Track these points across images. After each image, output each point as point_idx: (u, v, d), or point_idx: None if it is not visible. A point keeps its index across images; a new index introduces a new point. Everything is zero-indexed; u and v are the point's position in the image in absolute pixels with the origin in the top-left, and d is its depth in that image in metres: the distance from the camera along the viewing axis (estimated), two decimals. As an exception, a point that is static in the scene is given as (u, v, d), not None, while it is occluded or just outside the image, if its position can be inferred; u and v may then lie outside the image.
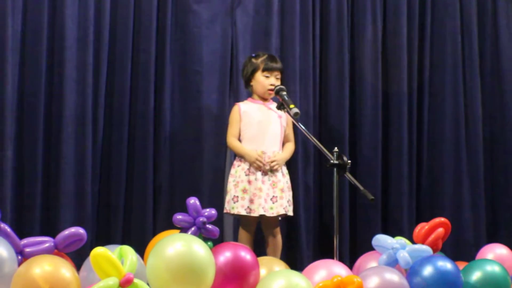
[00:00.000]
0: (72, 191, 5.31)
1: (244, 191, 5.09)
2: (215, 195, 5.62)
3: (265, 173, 5.10)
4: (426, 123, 6.28)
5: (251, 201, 5.07)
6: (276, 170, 5.16)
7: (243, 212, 5.09)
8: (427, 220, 4.73)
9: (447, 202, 6.22)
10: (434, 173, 6.26)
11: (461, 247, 6.07)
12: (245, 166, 5.14)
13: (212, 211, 4.69)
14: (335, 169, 4.39)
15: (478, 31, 6.44)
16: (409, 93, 6.20)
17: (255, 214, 5.08)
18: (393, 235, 4.54)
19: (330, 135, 5.91)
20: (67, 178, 5.30)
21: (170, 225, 4.82)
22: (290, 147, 5.37)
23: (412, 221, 6.02)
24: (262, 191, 5.07)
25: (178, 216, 4.61)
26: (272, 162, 5.15)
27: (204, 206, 4.85)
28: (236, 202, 5.10)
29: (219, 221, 5.29)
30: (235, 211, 5.11)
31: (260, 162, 5.09)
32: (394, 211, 6.09)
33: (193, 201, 4.61)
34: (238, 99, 5.62)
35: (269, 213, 5.09)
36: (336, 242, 4.43)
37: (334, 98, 6.00)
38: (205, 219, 4.61)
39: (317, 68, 5.99)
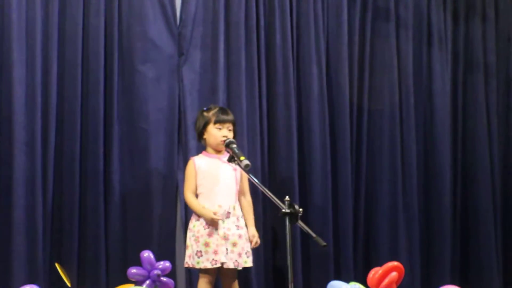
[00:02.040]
0: (23, 252, 5.26)
1: (206, 244, 5.07)
2: (167, 250, 5.61)
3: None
4: (364, 175, 6.40)
5: (215, 252, 5.06)
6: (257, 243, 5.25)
7: (209, 266, 5.06)
8: (378, 264, 4.78)
9: (384, 247, 6.32)
10: (373, 219, 6.39)
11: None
12: (203, 220, 5.13)
13: (166, 264, 4.70)
14: (287, 217, 4.40)
15: (414, 80, 6.60)
16: (351, 143, 6.33)
17: (219, 264, 5.06)
18: (346, 281, 4.57)
19: (280, 187, 5.93)
20: (18, 241, 5.26)
21: (124, 281, 4.81)
22: (250, 204, 5.41)
23: (359, 266, 6.14)
24: (223, 241, 5.08)
25: (133, 270, 4.61)
26: (255, 242, 5.24)
27: (157, 260, 4.86)
28: (201, 257, 5.07)
29: (172, 273, 5.29)
30: (201, 266, 5.08)
31: (216, 219, 5.10)
32: (342, 258, 6.17)
33: (147, 254, 4.62)
34: (187, 155, 5.65)
35: (225, 265, 5.08)
36: (291, 290, 4.43)
37: (282, 151, 6.07)
38: (159, 272, 4.61)
39: (265, 122, 6.06)
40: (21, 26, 5.43)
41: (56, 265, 4.41)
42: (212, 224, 5.10)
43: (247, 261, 5.21)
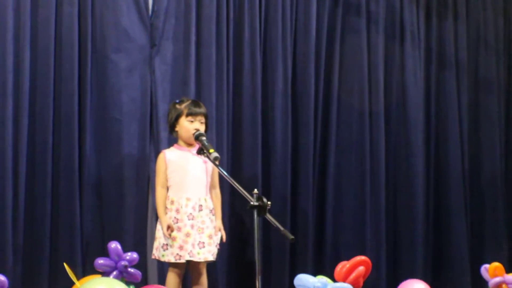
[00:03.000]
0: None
1: (173, 238, 5.09)
2: (138, 239, 5.64)
3: (192, 218, 5.12)
4: (332, 169, 6.43)
5: (180, 247, 5.08)
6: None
7: (173, 260, 5.09)
8: (343, 259, 4.83)
9: (351, 241, 6.38)
10: (340, 215, 6.44)
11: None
12: (172, 214, 5.15)
13: (133, 255, 4.69)
14: (255, 210, 4.42)
15: (385, 77, 6.64)
16: (314, 138, 6.37)
17: (182, 260, 5.09)
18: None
19: (244, 180, 5.93)
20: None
21: (93, 272, 4.81)
22: (219, 197, 5.43)
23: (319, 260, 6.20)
24: (190, 236, 5.09)
25: (100, 261, 4.61)
26: (222, 235, 5.29)
27: (128, 250, 4.86)
28: (166, 250, 5.10)
29: (142, 265, 5.31)
30: (165, 259, 5.12)
31: (167, 235, 5.11)
32: (300, 251, 6.22)
33: (114, 245, 4.62)
34: (158, 146, 5.68)
35: (196, 258, 5.12)
36: (258, 284, 4.45)
37: (247, 145, 6.12)
38: (126, 263, 4.62)
39: (231, 116, 6.10)
40: (-8, 13, 5.41)
41: (64, 264, 4.42)
42: (165, 232, 5.12)
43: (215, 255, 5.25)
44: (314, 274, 4.87)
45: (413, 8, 6.78)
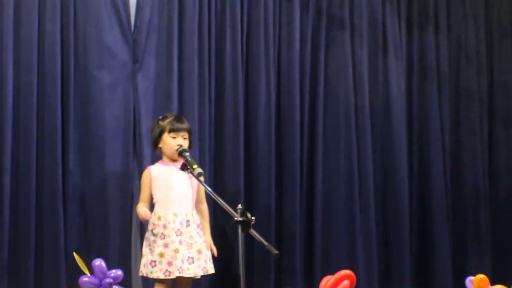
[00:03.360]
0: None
1: (161, 255, 5.07)
2: (123, 256, 5.63)
3: (180, 234, 5.12)
4: (320, 183, 6.44)
5: (169, 263, 5.06)
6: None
7: (162, 276, 5.07)
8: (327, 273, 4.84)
9: (341, 255, 6.38)
10: (329, 231, 6.42)
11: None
12: (159, 229, 5.13)
13: (118, 272, 4.69)
14: (239, 226, 4.42)
15: (370, 88, 6.67)
16: (301, 152, 6.38)
17: (172, 276, 5.08)
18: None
19: (227, 195, 5.93)
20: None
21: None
22: (206, 213, 5.46)
23: (308, 274, 6.18)
24: (178, 252, 5.07)
25: (84, 279, 4.61)
26: (212, 250, 5.32)
27: (113, 267, 4.86)
28: (155, 267, 5.08)
29: (127, 281, 5.30)
30: (154, 275, 5.10)
31: (143, 215, 5.14)
32: (288, 266, 6.22)
33: (98, 262, 4.62)
34: (142, 162, 5.68)
35: (186, 274, 5.10)
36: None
37: (229, 159, 6.12)
38: (111, 280, 4.62)
39: (213, 130, 6.11)
40: (-27, 29, 5.40)
41: (74, 254, 4.42)
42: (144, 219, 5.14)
43: (209, 268, 5.26)
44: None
45: (395, 20, 6.81)
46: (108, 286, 4.66)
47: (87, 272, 4.49)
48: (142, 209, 5.19)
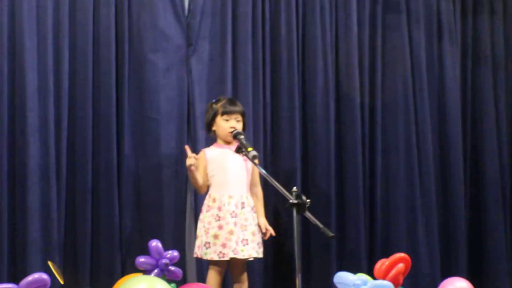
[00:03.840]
0: (38, 238, 5.29)
1: (216, 237, 5.09)
2: (177, 238, 5.65)
3: (235, 215, 5.14)
4: (380, 164, 6.41)
5: (223, 245, 5.07)
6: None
7: (216, 258, 5.09)
8: (385, 256, 4.81)
9: (402, 238, 6.33)
10: (389, 211, 6.38)
11: (419, 282, 6.17)
12: (214, 211, 5.14)
13: (174, 253, 4.72)
14: (294, 208, 4.42)
15: (427, 72, 6.62)
16: (362, 136, 6.33)
17: (226, 258, 5.09)
18: (351, 272, 4.60)
19: (282, 178, 5.90)
20: (33, 226, 5.28)
21: (134, 270, 4.85)
22: (261, 195, 5.44)
23: (371, 257, 6.10)
24: (233, 234, 5.09)
25: (141, 259, 4.64)
26: (267, 232, 5.30)
27: (167, 249, 4.89)
28: (209, 248, 5.10)
29: (181, 263, 5.32)
30: (208, 257, 5.12)
31: (189, 165, 5.15)
32: (350, 249, 6.18)
33: (155, 243, 4.65)
34: (196, 145, 5.69)
35: (240, 256, 5.11)
36: (298, 281, 4.45)
37: (285, 142, 6.10)
38: (167, 261, 4.65)
39: (268, 114, 6.09)
40: (32, 15, 5.45)
41: (49, 263, 4.44)
42: (190, 166, 5.14)
43: (259, 252, 5.25)
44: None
45: (449, 4, 6.75)
46: (164, 267, 4.69)
47: (61, 280, 4.49)
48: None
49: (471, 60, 6.86)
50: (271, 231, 5.33)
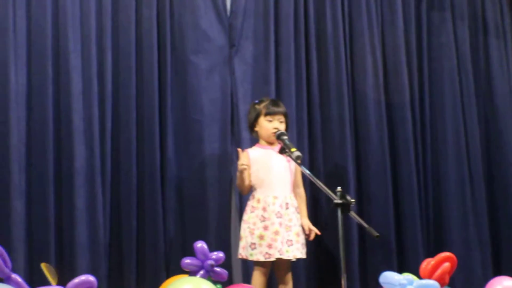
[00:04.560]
0: (85, 240, 5.32)
1: (261, 237, 5.08)
2: (222, 240, 5.65)
3: (280, 216, 5.13)
4: (430, 164, 6.39)
5: (269, 246, 5.06)
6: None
7: (262, 259, 5.07)
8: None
9: (455, 238, 6.27)
10: (441, 211, 6.34)
11: (471, 282, 6.14)
12: (259, 212, 5.14)
13: (220, 254, 4.72)
14: (339, 208, 4.41)
15: (473, 68, 6.58)
16: (413, 133, 6.31)
17: (272, 258, 5.08)
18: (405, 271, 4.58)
19: (333, 178, 5.93)
20: (80, 228, 5.31)
21: (180, 272, 4.86)
22: (303, 196, 5.42)
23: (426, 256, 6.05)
24: (278, 234, 5.08)
25: (186, 260, 4.65)
26: (311, 232, 5.27)
27: (212, 251, 4.89)
28: (254, 249, 5.09)
29: (227, 265, 5.33)
30: (254, 258, 5.10)
31: (242, 165, 5.15)
32: (408, 248, 6.13)
33: (200, 244, 4.66)
34: (240, 146, 5.64)
35: (286, 256, 5.09)
36: (344, 282, 4.44)
37: (336, 141, 6.08)
38: (213, 262, 4.65)
39: (317, 113, 6.06)
40: (75, 18, 5.50)
41: (42, 265, 4.44)
42: (243, 169, 5.14)
43: (303, 253, 5.24)
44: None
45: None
46: (210, 268, 4.70)
47: (52, 281, 4.48)
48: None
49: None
50: (315, 231, 5.31)
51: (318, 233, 5.30)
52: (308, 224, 5.30)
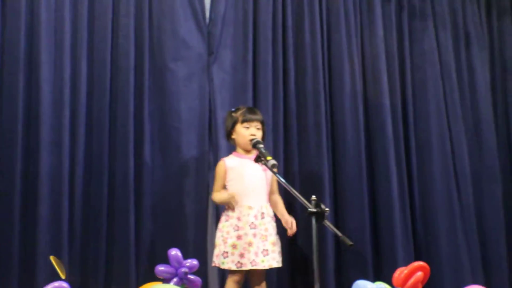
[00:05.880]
0: (48, 252, 5.21)
1: (234, 246, 5.07)
2: (198, 247, 5.64)
3: (254, 227, 5.15)
4: (415, 168, 6.40)
5: (241, 255, 5.05)
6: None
7: (233, 267, 5.06)
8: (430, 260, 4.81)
9: (442, 244, 6.28)
10: (427, 217, 6.35)
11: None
12: (233, 221, 5.14)
13: (193, 262, 4.73)
14: (313, 217, 4.42)
15: (457, 77, 6.63)
16: (395, 140, 6.31)
17: (244, 268, 5.07)
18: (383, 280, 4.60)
19: (310, 186, 5.93)
20: (43, 240, 5.27)
21: (153, 279, 4.86)
22: (280, 200, 5.41)
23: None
24: (252, 245, 5.07)
25: (160, 268, 4.65)
26: (292, 227, 5.25)
27: (188, 258, 4.89)
28: (226, 258, 5.08)
29: (203, 272, 5.33)
30: (225, 266, 5.10)
31: (233, 198, 5.14)
32: (386, 256, 6.13)
33: (174, 252, 4.67)
34: (217, 154, 5.69)
35: (261, 266, 5.08)
36: (317, 288, 4.45)
37: (312, 149, 6.07)
38: (187, 270, 4.66)
39: (294, 121, 6.07)
40: (50, 26, 5.50)
41: (51, 257, 4.44)
42: (232, 201, 5.13)
43: (279, 261, 5.23)
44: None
45: (474, 8, 6.78)
46: (183, 276, 4.70)
47: (62, 275, 4.48)
48: (222, 193, 5.21)
49: (499, 63, 6.86)
50: (293, 225, 5.27)
51: (293, 231, 5.29)
52: (290, 219, 5.29)
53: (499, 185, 6.63)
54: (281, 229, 5.37)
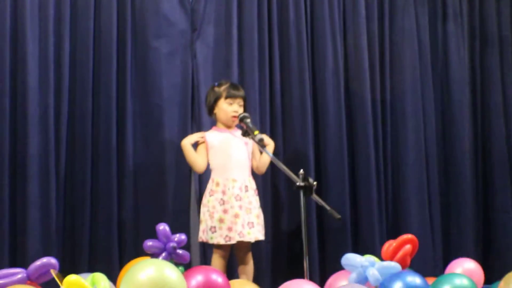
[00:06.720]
0: (37, 226, 5.32)
1: (221, 221, 5.09)
2: (181, 223, 5.61)
3: (239, 199, 5.13)
4: (390, 149, 6.43)
5: (229, 229, 5.07)
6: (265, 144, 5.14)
7: (222, 242, 5.08)
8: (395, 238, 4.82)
9: (413, 221, 6.31)
10: (399, 195, 6.39)
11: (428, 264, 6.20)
12: (218, 195, 5.15)
13: (182, 237, 4.70)
14: (301, 191, 4.43)
15: (431, 55, 6.65)
16: (373, 118, 6.33)
17: (233, 241, 5.08)
18: (363, 254, 4.60)
19: (294, 162, 5.83)
20: (33, 214, 5.30)
21: (137, 255, 4.86)
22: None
23: (382, 239, 6.07)
24: (238, 217, 5.08)
25: (149, 243, 4.62)
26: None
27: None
28: (215, 233, 5.10)
29: (186, 247, 5.31)
30: (214, 241, 5.11)
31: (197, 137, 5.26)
32: (364, 231, 6.16)
33: (162, 227, 4.64)
34: (200, 130, 5.66)
35: (247, 238, 5.10)
36: (306, 264, 4.46)
37: (297, 126, 6.06)
38: (175, 244, 4.63)
39: (278, 98, 6.06)
40: (34, 3, 5.47)
41: (51, 271, 4.43)
42: (199, 137, 5.27)
43: (263, 234, 5.25)
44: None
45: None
46: (172, 250, 4.68)
47: (60, 283, 4.49)
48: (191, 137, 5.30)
49: (479, 41, 6.84)
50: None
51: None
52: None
53: (469, 166, 6.64)
54: (263, 203, 5.41)
